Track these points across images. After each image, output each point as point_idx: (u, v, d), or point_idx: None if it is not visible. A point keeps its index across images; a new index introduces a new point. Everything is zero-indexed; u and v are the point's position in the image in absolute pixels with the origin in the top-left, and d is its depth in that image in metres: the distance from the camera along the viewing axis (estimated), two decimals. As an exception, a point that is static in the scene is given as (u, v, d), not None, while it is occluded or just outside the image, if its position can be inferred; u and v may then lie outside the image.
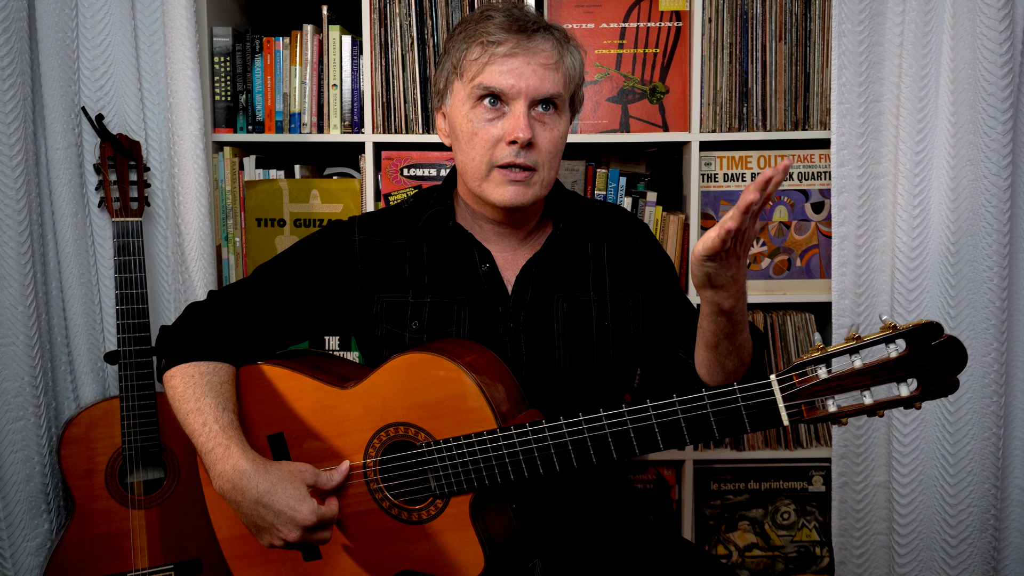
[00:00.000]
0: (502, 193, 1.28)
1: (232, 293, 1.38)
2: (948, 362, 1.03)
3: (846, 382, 1.06)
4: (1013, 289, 1.90)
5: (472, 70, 1.26)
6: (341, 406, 1.28)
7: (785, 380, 1.08)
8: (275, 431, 1.32)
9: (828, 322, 2.08)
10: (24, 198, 1.76)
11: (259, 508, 1.18)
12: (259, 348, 1.37)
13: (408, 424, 1.24)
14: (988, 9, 1.76)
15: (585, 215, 1.42)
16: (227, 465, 1.21)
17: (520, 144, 1.25)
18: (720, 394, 1.11)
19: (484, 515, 1.25)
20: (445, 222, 1.37)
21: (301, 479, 1.20)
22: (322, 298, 1.38)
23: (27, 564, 1.82)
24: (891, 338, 1.03)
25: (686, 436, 1.13)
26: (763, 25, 2.05)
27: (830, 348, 1.06)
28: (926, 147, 1.88)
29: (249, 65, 2.10)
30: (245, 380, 1.34)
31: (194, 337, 1.32)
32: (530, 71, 1.25)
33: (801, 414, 1.08)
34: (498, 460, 1.19)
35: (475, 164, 1.28)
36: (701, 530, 2.19)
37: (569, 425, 1.17)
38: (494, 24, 1.26)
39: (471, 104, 1.28)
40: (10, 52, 1.70)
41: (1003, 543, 1.98)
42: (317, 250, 1.39)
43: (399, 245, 1.38)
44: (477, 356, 1.26)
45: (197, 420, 1.25)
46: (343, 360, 1.48)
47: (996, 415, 1.90)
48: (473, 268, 1.36)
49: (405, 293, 1.36)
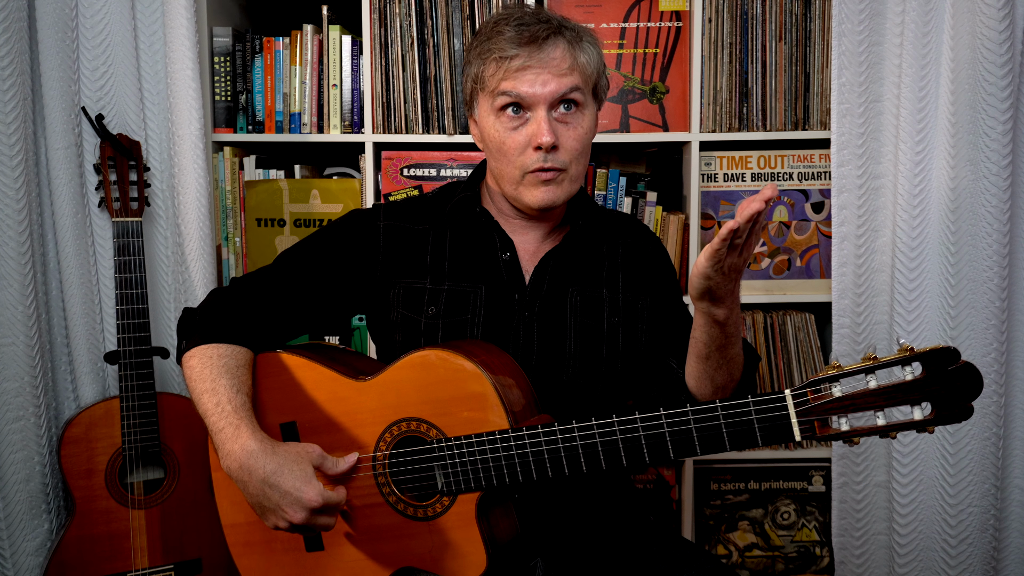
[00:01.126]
0: (536, 195, 1.32)
1: (255, 279, 1.40)
2: (963, 388, 1.03)
3: (860, 402, 1.05)
4: (1013, 289, 1.90)
5: (491, 84, 1.31)
6: (356, 398, 1.29)
7: (799, 396, 1.08)
8: (288, 419, 1.33)
9: (828, 322, 2.08)
10: (24, 198, 1.76)
11: (265, 488, 1.19)
12: (279, 334, 1.39)
13: (420, 420, 1.25)
14: (988, 9, 1.76)
15: (603, 218, 1.47)
16: (235, 445, 1.21)
17: (545, 148, 1.29)
18: (733, 406, 1.11)
19: (489, 515, 1.25)
20: (472, 208, 1.40)
21: (308, 459, 1.21)
22: (343, 281, 1.40)
23: (27, 564, 1.83)
24: (908, 360, 1.03)
25: (697, 447, 1.13)
26: (763, 25, 2.05)
27: (846, 367, 1.06)
28: (926, 147, 1.88)
29: (249, 65, 2.10)
30: (262, 367, 1.35)
31: (215, 320, 1.33)
32: (546, 77, 1.29)
33: (813, 431, 1.08)
34: (508, 461, 1.20)
35: (509, 172, 1.33)
36: (701, 530, 2.19)
37: (581, 429, 1.17)
38: (504, 40, 1.30)
39: (495, 115, 1.33)
40: (10, 52, 1.70)
41: (1003, 543, 1.98)
42: (341, 235, 1.42)
43: (423, 231, 1.41)
44: (494, 357, 1.27)
45: (211, 400, 1.26)
46: (359, 354, 1.49)
47: (996, 415, 1.90)
48: (493, 256, 1.39)
49: (423, 279, 1.38)
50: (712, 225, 2.11)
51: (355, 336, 2.13)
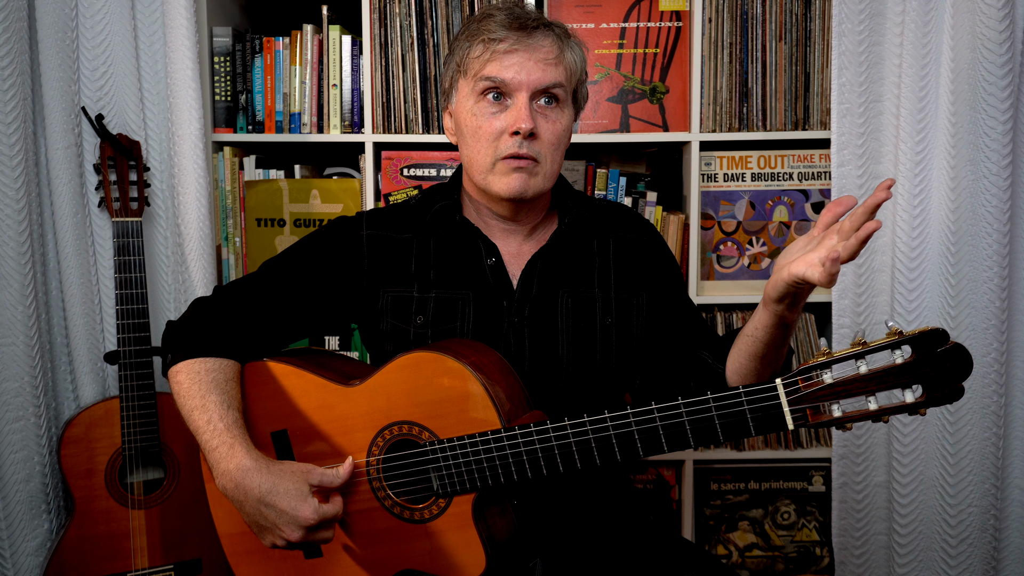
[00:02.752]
0: (507, 183, 1.30)
1: (238, 289, 1.38)
2: (953, 369, 1.02)
3: (851, 387, 1.05)
4: (1013, 289, 1.90)
5: (475, 67, 1.30)
6: (345, 404, 1.28)
7: (790, 384, 1.08)
8: (279, 428, 1.33)
9: (828, 322, 2.08)
10: (24, 198, 1.76)
11: (261, 507, 1.19)
12: (265, 344, 1.37)
13: (412, 423, 1.24)
14: (988, 9, 1.76)
15: (591, 212, 1.43)
16: (231, 464, 1.21)
17: (523, 134, 1.27)
18: (725, 397, 1.11)
19: (486, 515, 1.25)
20: (452, 216, 1.39)
21: (304, 479, 1.20)
22: (329, 293, 1.38)
23: (27, 564, 1.82)
24: (897, 344, 1.03)
25: (690, 439, 1.13)
26: (763, 25, 2.05)
27: (835, 353, 1.06)
28: (926, 147, 1.88)
29: (249, 65, 2.10)
30: (250, 376, 1.35)
31: (200, 333, 1.32)
32: (531, 65, 1.28)
33: (806, 418, 1.08)
34: (502, 460, 1.19)
35: (480, 157, 1.31)
36: (701, 530, 2.19)
37: (573, 426, 1.17)
38: (495, 22, 1.30)
39: (475, 99, 1.31)
40: (10, 52, 1.70)
41: (1003, 543, 1.98)
42: (324, 245, 1.40)
43: (406, 239, 1.40)
44: (482, 356, 1.26)
45: (201, 417, 1.25)
46: (348, 358, 1.48)
47: (996, 415, 1.90)
48: (479, 262, 1.37)
49: (410, 288, 1.37)
50: (712, 225, 2.11)
51: (355, 336, 2.13)
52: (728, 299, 2.11)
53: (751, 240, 2.11)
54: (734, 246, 2.12)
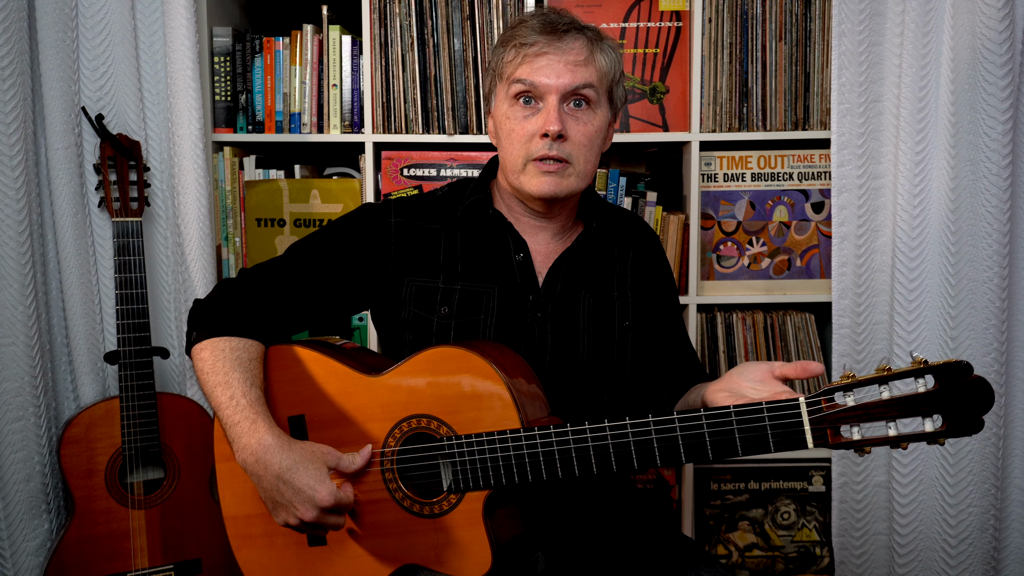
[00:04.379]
0: (537, 184, 1.33)
1: (265, 271, 1.40)
2: (975, 402, 1.04)
3: (873, 412, 1.06)
4: (1013, 289, 1.90)
5: (508, 70, 1.34)
6: (366, 393, 1.29)
7: (813, 404, 1.08)
8: (297, 413, 1.33)
9: (828, 322, 2.08)
10: (24, 198, 1.76)
11: (279, 484, 1.20)
12: (289, 326, 1.39)
13: (431, 417, 1.25)
14: (988, 9, 1.76)
15: (612, 219, 1.48)
16: (252, 439, 1.22)
17: (552, 136, 1.30)
18: (747, 412, 1.11)
19: (496, 514, 1.25)
20: (485, 210, 1.41)
21: (323, 460, 1.22)
22: (354, 277, 1.40)
23: (27, 564, 1.83)
24: (921, 372, 1.04)
25: (709, 452, 1.13)
26: (763, 25, 2.05)
27: (860, 377, 1.07)
28: (926, 147, 1.88)
29: (249, 65, 2.10)
30: (274, 359, 1.35)
31: (226, 312, 1.33)
32: (560, 68, 1.31)
33: (826, 439, 1.08)
34: (518, 460, 1.20)
35: (513, 158, 1.35)
36: (701, 530, 2.19)
37: (593, 431, 1.17)
38: (528, 27, 1.34)
39: (509, 103, 1.35)
40: (10, 52, 1.70)
41: (1003, 543, 1.98)
42: (352, 230, 1.42)
43: (434, 230, 1.41)
44: (507, 357, 1.27)
45: (224, 393, 1.26)
46: (369, 351, 1.49)
47: (996, 415, 1.90)
48: (507, 257, 1.40)
49: (436, 279, 1.39)
50: (712, 225, 2.11)
51: (355, 336, 2.13)
52: (728, 299, 2.11)
53: (751, 240, 2.11)
54: (734, 246, 2.12)
